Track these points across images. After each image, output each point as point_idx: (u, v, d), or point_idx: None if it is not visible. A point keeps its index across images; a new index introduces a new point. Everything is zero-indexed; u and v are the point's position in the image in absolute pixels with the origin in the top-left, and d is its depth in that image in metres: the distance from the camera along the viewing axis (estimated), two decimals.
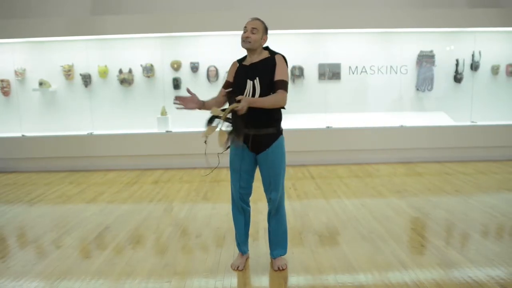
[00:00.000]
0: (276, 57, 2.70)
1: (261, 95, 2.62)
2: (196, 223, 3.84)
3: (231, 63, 2.86)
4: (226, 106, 2.71)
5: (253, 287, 2.66)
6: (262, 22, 2.74)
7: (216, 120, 2.62)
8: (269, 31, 2.81)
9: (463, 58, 6.57)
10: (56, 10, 6.47)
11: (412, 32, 6.42)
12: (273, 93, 2.63)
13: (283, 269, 2.85)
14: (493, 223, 3.66)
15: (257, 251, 3.16)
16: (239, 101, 2.43)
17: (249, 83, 2.67)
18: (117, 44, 6.44)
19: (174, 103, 2.65)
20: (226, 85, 2.83)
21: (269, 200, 2.83)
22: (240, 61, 2.83)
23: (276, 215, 2.87)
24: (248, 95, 2.64)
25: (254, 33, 2.66)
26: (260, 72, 2.67)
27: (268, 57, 2.72)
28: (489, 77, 6.68)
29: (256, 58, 2.74)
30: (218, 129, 2.61)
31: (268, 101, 2.57)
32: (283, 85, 2.63)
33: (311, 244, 3.28)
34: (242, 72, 2.74)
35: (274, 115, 2.70)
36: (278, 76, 2.64)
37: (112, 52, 6.48)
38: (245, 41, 2.68)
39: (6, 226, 3.92)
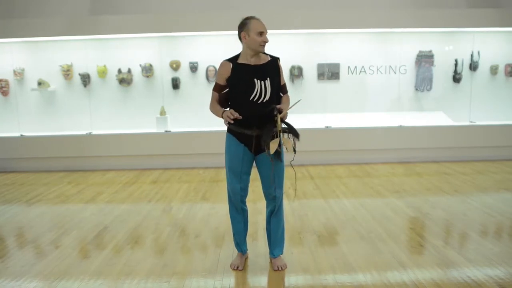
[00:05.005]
0: (278, 61, 2.82)
1: (271, 96, 2.73)
2: (195, 223, 3.84)
3: (220, 64, 2.76)
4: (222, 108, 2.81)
5: (252, 287, 2.66)
6: None
7: (264, 132, 2.65)
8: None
9: (462, 58, 6.58)
10: (55, 10, 6.45)
11: (411, 32, 6.42)
12: (282, 94, 2.86)
13: (282, 270, 2.85)
14: (492, 223, 3.67)
15: (256, 251, 3.16)
16: (277, 110, 2.62)
17: (258, 83, 2.68)
18: (116, 44, 6.43)
19: (232, 119, 2.63)
20: (218, 88, 2.77)
21: (274, 198, 2.83)
22: (233, 60, 2.75)
23: (277, 213, 2.88)
24: (257, 94, 2.68)
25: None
26: (270, 74, 2.74)
27: (271, 59, 2.79)
28: (488, 77, 6.69)
29: (258, 59, 2.74)
30: (278, 139, 2.65)
31: (289, 105, 2.83)
32: (286, 88, 2.93)
33: (310, 244, 3.28)
34: (246, 71, 2.69)
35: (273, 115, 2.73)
36: (283, 80, 2.87)
37: (111, 52, 6.47)
38: (263, 46, 2.67)
39: (5, 226, 3.92)
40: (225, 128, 2.84)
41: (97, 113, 6.58)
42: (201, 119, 6.37)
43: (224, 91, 2.78)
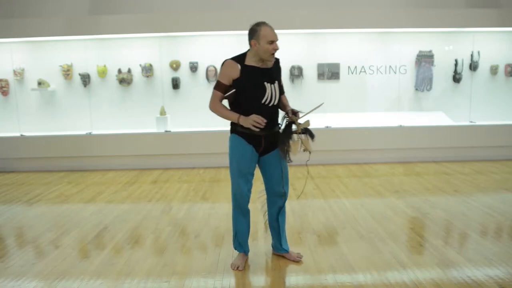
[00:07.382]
0: (279, 62, 2.84)
1: (279, 98, 2.78)
2: (195, 223, 3.84)
3: (226, 64, 2.66)
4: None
5: (252, 287, 2.66)
6: None
7: (282, 134, 2.76)
8: None
9: (462, 58, 6.58)
10: (55, 10, 6.45)
11: (411, 32, 6.43)
12: (280, 95, 2.85)
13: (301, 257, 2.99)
14: (492, 223, 3.67)
15: (256, 251, 3.16)
16: (292, 113, 2.72)
17: (269, 86, 2.69)
18: (116, 43, 6.43)
19: (259, 126, 2.63)
20: (223, 89, 2.67)
21: (284, 195, 2.90)
22: (240, 61, 2.66)
23: (283, 209, 2.97)
24: (268, 98, 2.70)
25: None
26: (277, 77, 2.79)
27: (274, 61, 2.79)
28: (488, 77, 6.69)
29: (266, 62, 2.70)
30: (296, 139, 2.75)
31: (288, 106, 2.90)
32: (284, 88, 2.93)
33: (310, 244, 3.28)
34: (256, 75, 2.66)
35: (278, 115, 2.83)
36: (282, 81, 2.89)
37: (111, 52, 6.47)
38: (273, 55, 2.65)
39: (5, 226, 3.92)
40: (225, 128, 2.85)
41: (97, 113, 6.58)
42: (201, 119, 6.37)
43: (230, 93, 2.67)
